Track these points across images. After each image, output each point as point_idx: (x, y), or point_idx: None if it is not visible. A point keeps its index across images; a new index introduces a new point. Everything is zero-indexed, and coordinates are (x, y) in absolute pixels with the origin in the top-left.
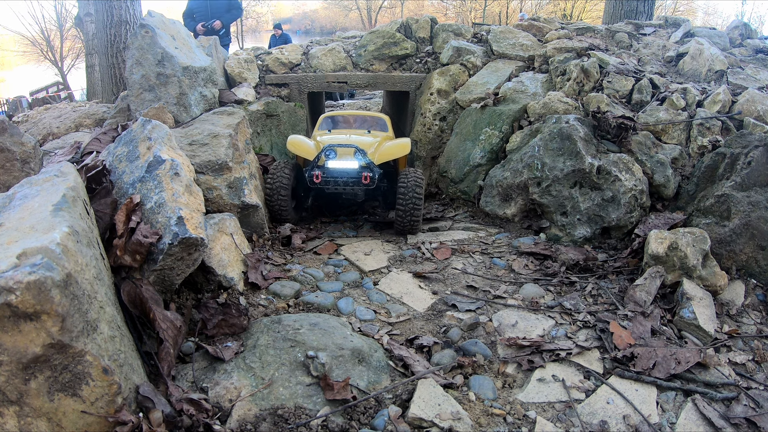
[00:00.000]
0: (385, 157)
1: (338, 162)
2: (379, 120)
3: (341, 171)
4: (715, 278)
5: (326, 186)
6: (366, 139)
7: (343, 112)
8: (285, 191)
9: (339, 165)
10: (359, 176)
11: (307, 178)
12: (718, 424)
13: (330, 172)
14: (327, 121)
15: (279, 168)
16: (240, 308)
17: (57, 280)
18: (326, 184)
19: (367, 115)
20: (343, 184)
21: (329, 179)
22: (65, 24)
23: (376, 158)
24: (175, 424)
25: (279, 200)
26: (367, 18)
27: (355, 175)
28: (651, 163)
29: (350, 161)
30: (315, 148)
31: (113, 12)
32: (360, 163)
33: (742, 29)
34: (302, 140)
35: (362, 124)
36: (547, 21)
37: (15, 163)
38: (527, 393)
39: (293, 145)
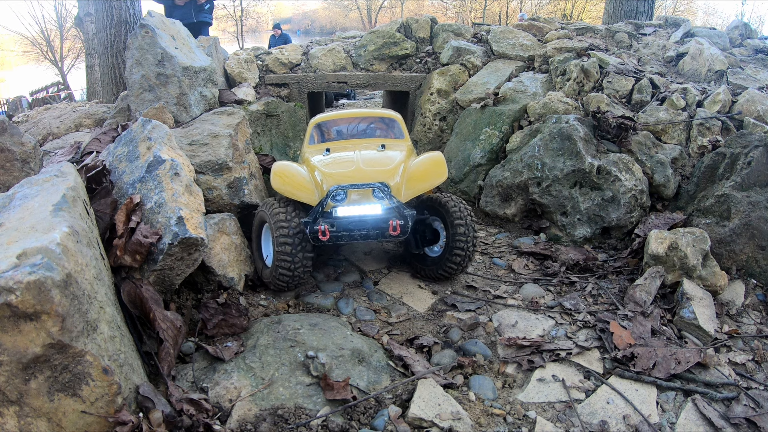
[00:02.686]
0: (418, 190)
1: (353, 208)
2: (390, 122)
3: (358, 221)
4: (715, 278)
5: (337, 241)
6: (381, 159)
7: (341, 114)
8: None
9: (354, 212)
10: (385, 225)
11: (309, 235)
12: (718, 424)
13: (342, 223)
14: (320, 130)
15: (285, 220)
16: (240, 308)
17: (57, 280)
18: (337, 239)
19: (373, 115)
20: (362, 237)
21: (341, 233)
22: (65, 24)
23: (403, 193)
24: (175, 424)
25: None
26: (367, 18)
27: (378, 224)
28: (651, 163)
29: (370, 205)
30: (313, 185)
31: (113, 12)
32: (384, 207)
33: (742, 29)
34: (293, 173)
35: (369, 131)
36: (547, 21)
37: (15, 163)
38: (527, 393)
39: (282, 182)
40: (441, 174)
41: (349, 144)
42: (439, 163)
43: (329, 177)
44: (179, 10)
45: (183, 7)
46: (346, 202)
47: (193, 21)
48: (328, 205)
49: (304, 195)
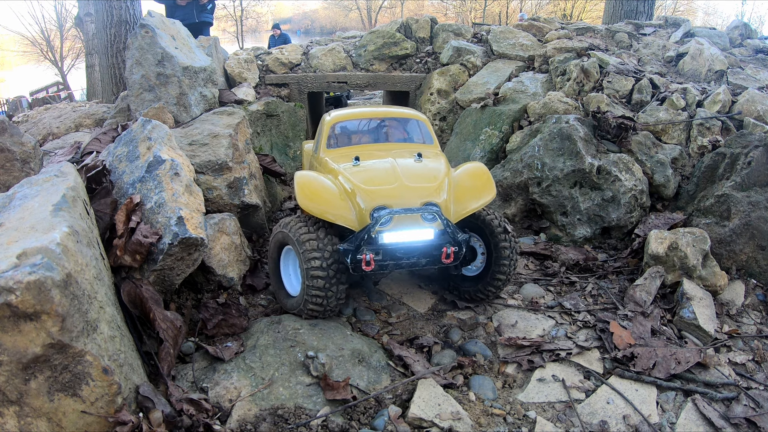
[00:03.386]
0: (468, 210)
1: (401, 233)
2: (416, 124)
3: (408, 248)
4: (715, 278)
5: (381, 271)
6: (424, 172)
7: (364, 112)
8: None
9: (403, 238)
10: (437, 253)
11: (349, 265)
12: (718, 424)
13: (390, 251)
14: (340, 131)
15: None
16: (240, 308)
17: (57, 280)
18: (382, 269)
19: (398, 115)
20: (411, 266)
21: (388, 263)
22: (65, 24)
23: (452, 213)
24: (175, 424)
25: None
26: (367, 18)
27: (430, 251)
28: (651, 163)
29: (421, 230)
30: (349, 203)
31: (113, 12)
32: (437, 231)
33: (742, 29)
34: (323, 189)
35: (396, 134)
36: (547, 21)
37: (15, 163)
38: (527, 393)
39: (310, 199)
40: (490, 190)
41: (378, 150)
42: (487, 178)
43: (369, 195)
44: (181, 10)
45: (185, 7)
46: (392, 226)
47: (195, 21)
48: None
49: (340, 216)
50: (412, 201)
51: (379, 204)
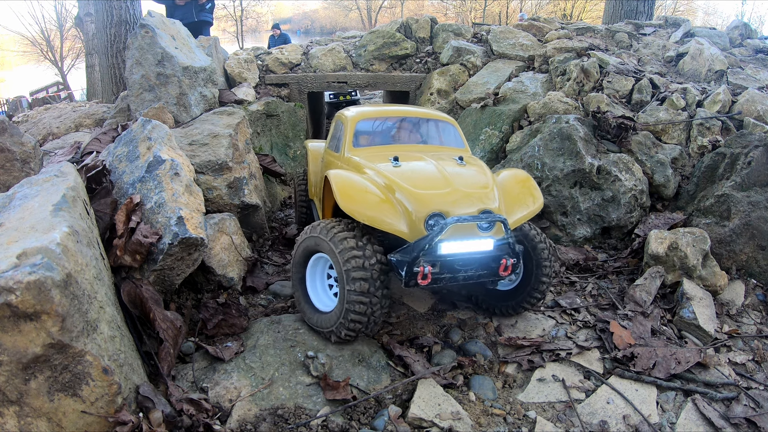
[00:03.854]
0: (519, 219)
1: (460, 243)
2: (447, 127)
3: (466, 260)
4: (715, 278)
5: (435, 284)
6: (474, 177)
7: (390, 110)
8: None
9: (463, 249)
10: (496, 265)
11: (403, 278)
12: (718, 424)
13: (448, 263)
14: (366, 130)
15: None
16: (240, 308)
17: (57, 280)
18: (437, 282)
19: (428, 116)
20: (466, 279)
21: (444, 275)
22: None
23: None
24: (175, 424)
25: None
26: (367, 18)
27: (488, 263)
28: (651, 163)
29: (480, 240)
30: (400, 209)
31: (113, 12)
32: (496, 242)
33: (742, 29)
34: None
35: (427, 136)
36: (547, 21)
37: (15, 163)
38: (527, 393)
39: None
40: (538, 199)
41: (411, 151)
42: (534, 186)
43: (422, 200)
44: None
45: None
46: (449, 235)
47: (194, 20)
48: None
49: (390, 224)
50: (467, 208)
51: (433, 210)
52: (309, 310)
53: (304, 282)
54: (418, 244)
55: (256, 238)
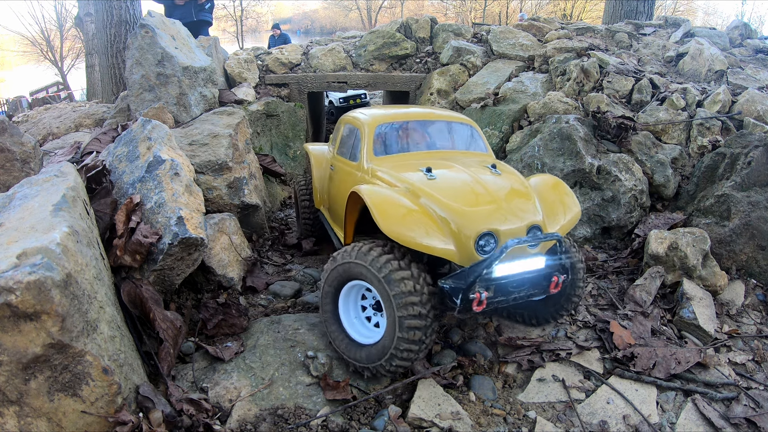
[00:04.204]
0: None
1: (514, 264)
2: (470, 131)
3: (520, 281)
4: (715, 278)
5: (488, 308)
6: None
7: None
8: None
9: (517, 269)
10: (547, 283)
11: (457, 305)
12: (718, 424)
13: (503, 286)
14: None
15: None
16: (240, 308)
17: (57, 280)
18: (491, 305)
19: (449, 118)
20: (518, 299)
21: (498, 299)
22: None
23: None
24: (175, 424)
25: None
26: (367, 18)
27: (540, 282)
28: (651, 163)
29: (533, 258)
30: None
31: (113, 12)
32: (547, 260)
33: (742, 29)
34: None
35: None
36: (547, 21)
37: (15, 163)
38: (527, 393)
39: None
40: (576, 205)
41: (439, 158)
42: (569, 192)
43: (470, 218)
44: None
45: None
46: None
47: (194, 20)
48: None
49: (441, 248)
50: (515, 224)
51: (483, 229)
52: (348, 346)
53: (337, 314)
54: (474, 269)
55: (256, 238)
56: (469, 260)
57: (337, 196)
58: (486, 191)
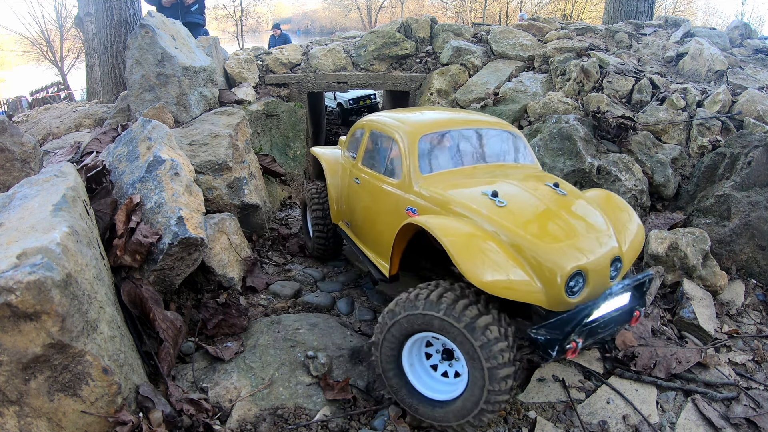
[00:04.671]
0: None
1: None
2: (515, 139)
3: (608, 321)
4: (715, 278)
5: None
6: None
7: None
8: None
9: (605, 310)
10: (629, 317)
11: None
12: (718, 424)
13: (594, 329)
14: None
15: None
16: (240, 308)
17: (57, 280)
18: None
19: (495, 125)
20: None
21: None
22: (65, 24)
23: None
24: (175, 424)
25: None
26: (367, 18)
27: (624, 318)
28: (651, 163)
29: (620, 296)
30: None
31: (113, 12)
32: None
33: (742, 29)
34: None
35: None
36: (547, 21)
37: (15, 163)
38: (527, 393)
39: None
40: (638, 223)
41: (496, 176)
42: (628, 207)
43: (557, 256)
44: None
45: (170, 8)
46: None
47: (182, 22)
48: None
49: (531, 293)
50: (602, 258)
51: (574, 268)
52: (421, 404)
53: (401, 370)
54: (573, 317)
55: (256, 238)
56: (558, 303)
57: (371, 218)
58: (563, 220)
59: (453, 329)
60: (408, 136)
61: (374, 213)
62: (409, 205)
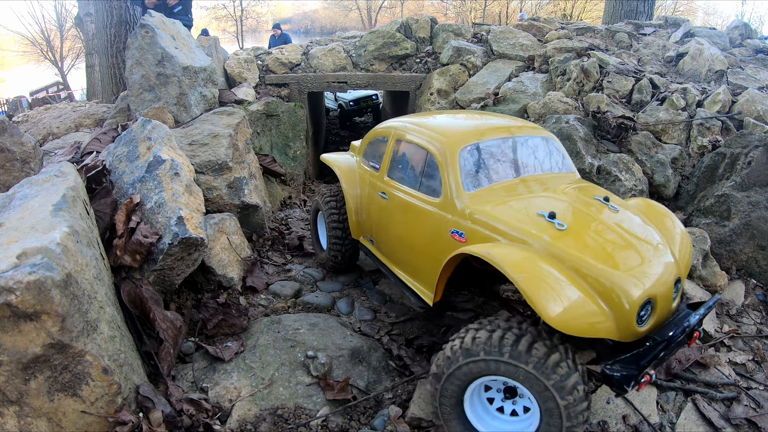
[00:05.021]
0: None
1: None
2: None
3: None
4: (715, 278)
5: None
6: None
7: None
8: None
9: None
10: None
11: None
12: (718, 424)
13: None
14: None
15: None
16: (240, 308)
17: (57, 280)
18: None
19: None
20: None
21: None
22: (65, 24)
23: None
24: (175, 424)
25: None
26: (367, 18)
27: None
28: (651, 163)
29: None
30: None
31: (113, 12)
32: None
33: (742, 29)
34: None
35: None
36: (547, 21)
37: (15, 163)
38: None
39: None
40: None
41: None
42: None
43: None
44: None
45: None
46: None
47: None
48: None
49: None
50: (668, 282)
51: (644, 296)
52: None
53: (464, 417)
54: (649, 352)
55: (256, 238)
56: (628, 334)
57: (405, 239)
58: (625, 241)
59: (519, 371)
60: (447, 149)
61: (409, 234)
62: (454, 227)
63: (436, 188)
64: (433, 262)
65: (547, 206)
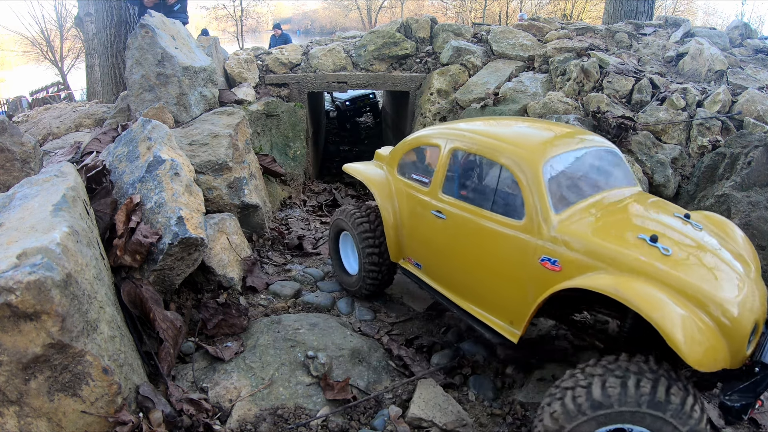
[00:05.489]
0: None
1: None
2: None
3: None
4: None
5: None
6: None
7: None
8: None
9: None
10: None
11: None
12: (718, 424)
13: None
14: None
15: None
16: (240, 308)
17: (57, 280)
18: None
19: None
20: None
21: None
22: (65, 24)
23: None
24: (175, 424)
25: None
26: (367, 18)
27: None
28: (651, 163)
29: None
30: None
31: (113, 12)
32: None
33: (742, 29)
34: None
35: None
36: (547, 21)
37: (15, 163)
38: (527, 393)
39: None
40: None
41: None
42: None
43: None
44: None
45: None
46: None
47: None
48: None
49: (728, 359)
50: (764, 304)
51: (752, 321)
52: None
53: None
54: (766, 379)
55: (256, 238)
56: (737, 360)
57: (475, 265)
58: (724, 263)
59: (651, 418)
60: (525, 162)
61: (480, 261)
62: (544, 254)
63: (514, 208)
64: (515, 294)
65: (643, 228)
